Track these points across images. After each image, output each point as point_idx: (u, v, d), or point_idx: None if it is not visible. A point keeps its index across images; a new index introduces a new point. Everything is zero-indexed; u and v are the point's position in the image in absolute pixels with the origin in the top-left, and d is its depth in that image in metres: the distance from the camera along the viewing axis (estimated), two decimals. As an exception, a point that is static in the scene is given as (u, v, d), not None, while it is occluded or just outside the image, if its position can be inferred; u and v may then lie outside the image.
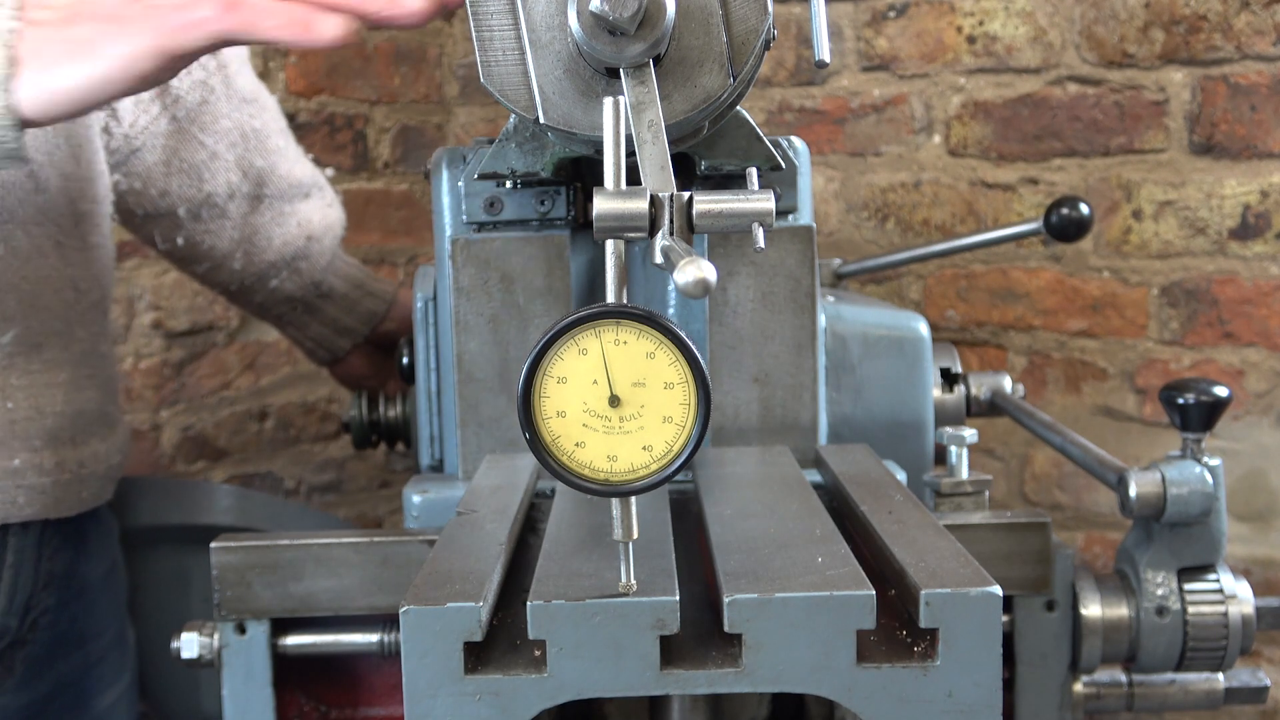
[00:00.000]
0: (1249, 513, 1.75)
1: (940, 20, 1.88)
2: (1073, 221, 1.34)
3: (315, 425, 2.07)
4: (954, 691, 0.66)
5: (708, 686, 0.67)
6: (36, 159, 1.08)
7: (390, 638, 0.93)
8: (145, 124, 1.28)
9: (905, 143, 1.93)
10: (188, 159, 1.33)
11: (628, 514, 0.66)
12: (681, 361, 0.63)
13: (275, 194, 1.40)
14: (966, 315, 1.91)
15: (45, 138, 1.10)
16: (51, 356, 1.12)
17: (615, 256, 0.67)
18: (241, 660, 0.92)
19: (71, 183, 1.13)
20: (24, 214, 1.08)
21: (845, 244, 1.97)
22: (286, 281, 1.44)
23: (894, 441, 1.09)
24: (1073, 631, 0.98)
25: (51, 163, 1.11)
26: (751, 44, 0.77)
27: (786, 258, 0.99)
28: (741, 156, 0.93)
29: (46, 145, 1.10)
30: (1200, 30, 1.71)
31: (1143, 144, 1.77)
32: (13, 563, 1.10)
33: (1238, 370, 1.74)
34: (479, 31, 0.78)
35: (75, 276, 1.14)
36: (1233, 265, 1.73)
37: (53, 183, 1.10)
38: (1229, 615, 0.97)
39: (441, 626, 0.65)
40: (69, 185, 1.13)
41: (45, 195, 1.10)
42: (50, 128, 1.09)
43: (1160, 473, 0.97)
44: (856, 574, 0.68)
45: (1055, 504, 1.91)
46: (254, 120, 1.38)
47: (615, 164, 0.66)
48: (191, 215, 1.35)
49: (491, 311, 0.99)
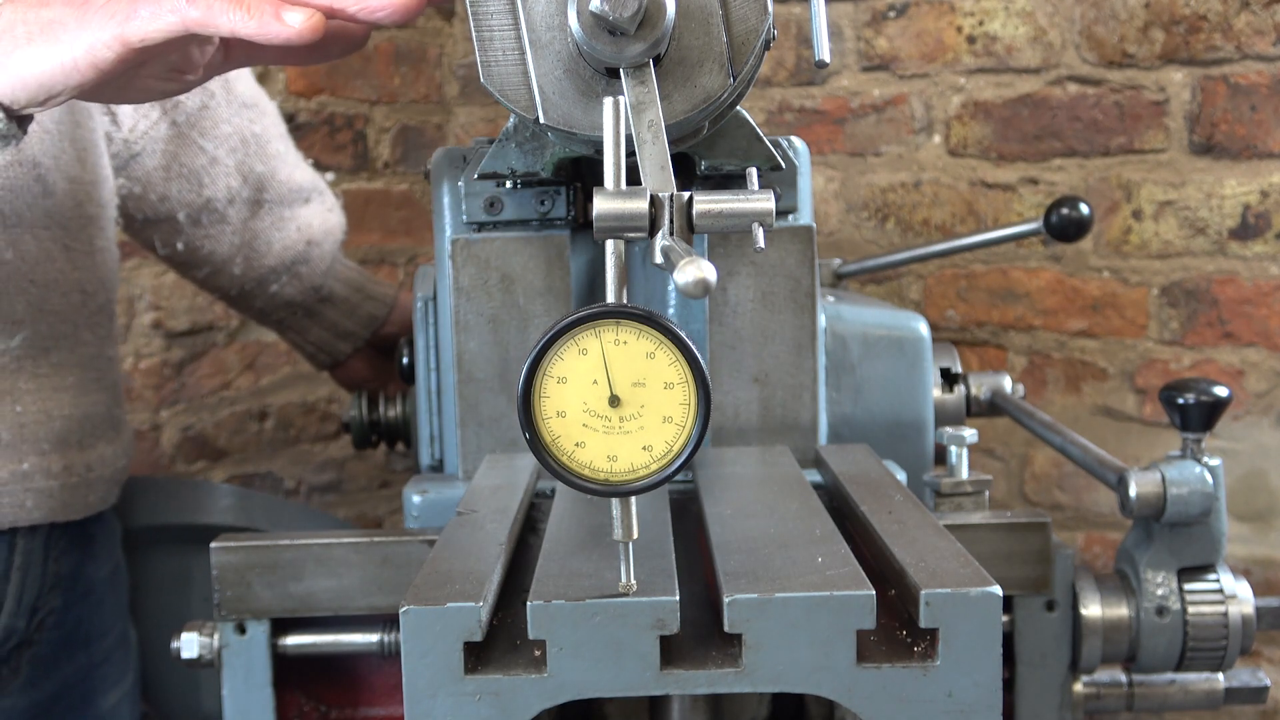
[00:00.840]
0: (1249, 513, 1.75)
1: (940, 20, 1.88)
2: (1073, 221, 1.34)
3: (315, 425, 2.07)
4: (954, 691, 0.66)
5: (708, 686, 0.67)
6: (44, 162, 1.08)
7: (390, 638, 0.93)
8: (145, 129, 1.28)
9: (905, 143, 1.93)
10: (188, 164, 1.33)
11: (628, 514, 0.66)
12: (681, 361, 0.63)
13: (275, 199, 1.40)
14: (966, 315, 1.91)
15: (51, 141, 1.09)
16: (59, 360, 1.12)
17: (615, 256, 0.67)
18: (241, 660, 0.91)
19: (78, 186, 1.13)
20: (32, 217, 1.08)
21: (845, 244, 1.97)
22: (286, 286, 1.44)
23: (894, 441, 1.09)
24: (1073, 631, 0.98)
25: (58, 166, 1.10)
26: (751, 44, 0.77)
27: (786, 258, 0.99)
28: (741, 156, 0.93)
29: (53, 149, 1.10)
30: (1200, 30, 1.71)
31: (1143, 144, 1.77)
32: (20, 565, 1.10)
33: (1238, 370, 1.74)
34: (479, 31, 0.78)
35: (82, 280, 1.14)
36: (1233, 265, 1.73)
37: (60, 186, 1.10)
38: (1229, 615, 0.97)
39: (441, 626, 0.65)
40: (75, 189, 1.13)
41: (52, 199, 1.10)
42: (56, 130, 1.09)
43: (1160, 473, 0.97)
44: (856, 574, 0.68)
45: (1055, 504, 1.91)
46: (254, 125, 1.37)
47: (615, 164, 0.66)
48: (191, 220, 1.35)
49: (491, 311, 0.99)
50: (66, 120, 1.11)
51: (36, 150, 1.07)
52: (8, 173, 1.05)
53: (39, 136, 1.07)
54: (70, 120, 1.12)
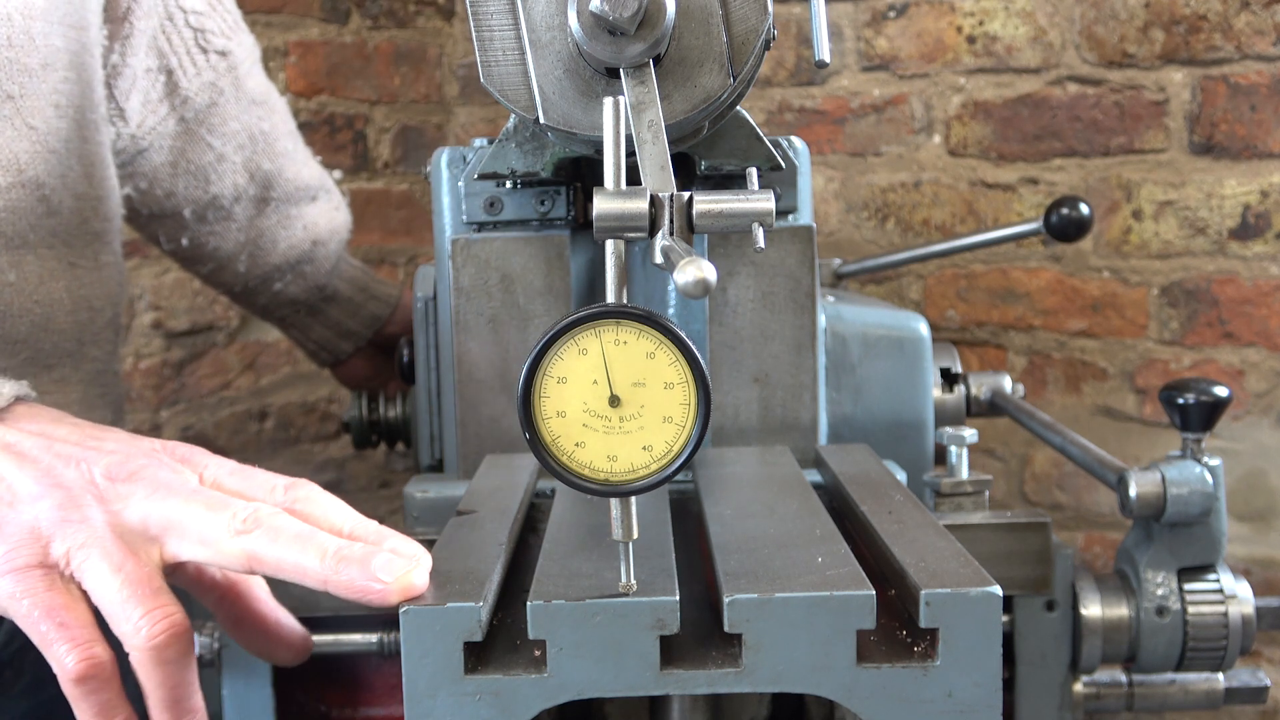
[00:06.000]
0: (1249, 513, 1.75)
1: (940, 20, 1.88)
2: (1073, 221, 1.34)
3: (315, 425, 2.07)
4: (954, 691, 0.66)
5: (708, 686, 0.67)
6: (49, 182, 1.06)
7: (390, 638, 0.93)
8: (153, 124, 1.28)
9: (905, 143, 1.92)
10: (195, 161, 1.32)
11: (628, 514, 0.66)
12: (681, 361, 0.63)
13: (282, 197, 1.40)
14: (966, 315, 1.91)
15: (58, 160, 1.07)
16: (63, 375, 1.10)
17: (615, 256, 0.67)
18: (242, 660, 0.91)
19: (84, 203, 1.11)
20: (35, 238, 1.05)
21: (845, 244, 1.97)
22: (291, 285, 1.44)
23: (894, 441, 1.09)
24: (1073, 631, 0.98)
25: (64, 185, 1.08)
26: (751, 44, 0.77)
27: (786, 258, 0.99)
28: (741, 156, 0.93)
29: (59, 168, 1.07)
30: (1200, 30, 1.71)
31: (1143, 144, 1.77)
32: None
33: (1238, 370, 1.74)
34: (479, 31, 0.78)
35: (89, 296, 1.12)
36: (1233, 265, 1.73)
37: (66, 204, 1.08)
38: (1229, 615, 0.97)
39: (441, 626, 0.65)
40: (82, 205, 1.10)
41: (57, 218, 1.07)
42: (63, 148, 1.07)
43: (1160, 473, 0.97)
44: (856, 574, 0.68)
45: (1055, 504, 1.91)
46: (263, 123, 1.37)
47: (615, 164, 0.66)
48: (197, 217, 1.35)
49: (491, 311, 0.99)
50: (74, 137, 1.09)
51: (41, 171, 1.05)
52: (10, 194, 1.02)
53: (44, 157, 1.05)
54: (78, 136, 1.10)
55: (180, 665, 0.73)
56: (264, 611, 0.81)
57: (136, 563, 0.72)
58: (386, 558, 0.69)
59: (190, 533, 0.73)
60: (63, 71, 1.06)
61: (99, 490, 0.74)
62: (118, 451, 0.76)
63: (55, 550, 0.72)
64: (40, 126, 1.04)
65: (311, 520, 0.73)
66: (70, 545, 0.72)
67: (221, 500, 0.74)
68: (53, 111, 1.05)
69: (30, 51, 1.01)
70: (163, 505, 0.73)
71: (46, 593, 0.72)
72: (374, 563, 0.69)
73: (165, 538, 0.73)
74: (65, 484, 0.74)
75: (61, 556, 0.72)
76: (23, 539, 0.72)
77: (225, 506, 0.73)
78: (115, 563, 0.72)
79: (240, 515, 0.72)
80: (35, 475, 0.74)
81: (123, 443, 0.78)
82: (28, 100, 1.02)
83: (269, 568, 0.71)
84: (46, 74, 1.03)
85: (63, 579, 0.73)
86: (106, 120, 1.19)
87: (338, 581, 0.69)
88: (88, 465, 0.75)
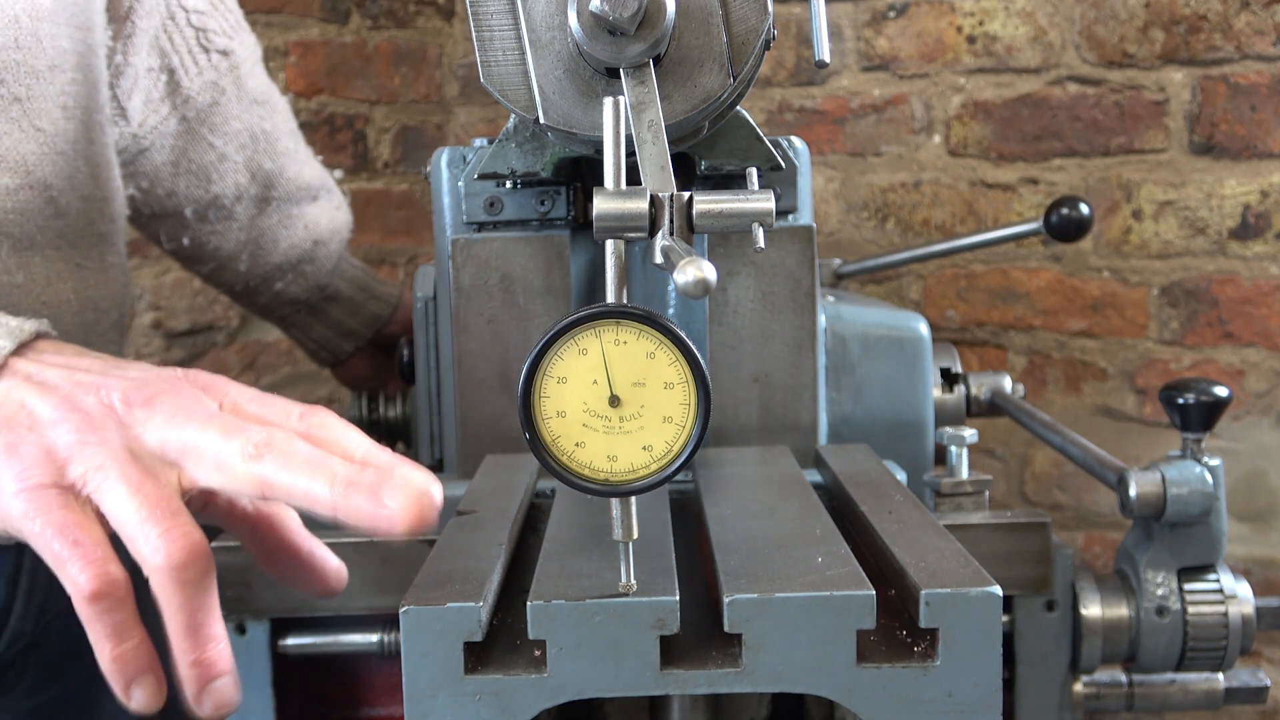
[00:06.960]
0: (1249, 513, 1.75)
1: (940, 20, 1.88)
2: (1073, 221, 1.34)
3: (315, 425, 2.07)
4: (954, 691, 0.66)
5: (708, 686, 0.67)
6: (56, 184, 1.05)
7: (390, 638, 0.93)
8: (154, 124, 1.28)
9: (905, 143, 1.92)
10: (196, 160, 1.32)
11: (628, 514, 0.66)
12: (681, 361, 0.63)
13: (283, 197, 1.40)
14: (966, 315, 1.91)
15: (65, 162, 1.06)
16: None
17: (615, 256, 0.67)
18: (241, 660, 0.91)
19: (91, 204, 1.11)
20: (43, 239, 1.05)
21: (845, 244, 1.97)
22: (292, 284, 1.44)
23: (894, 441, 1.09)
24: (1073, 631, 0.98)
25: (71, 186, 1.08)
26: (751, 44, 0.77)
27: (786, 258, 0.99)
28: (741, 156, 0.93)
29: (66, 169, 1.07)
30: (1200, 30, 1.71)
31: (1143, 144, 1.77)
32: (29, 568, 1.09)
33: (1238, 370, 1.74)
34: (479, 31, 0.78)
35: (95, 297, 1.12)
36: (1233, 265, 1.73)
37: (73, 206, 1.08)
38: (1229, 615, 0.97)
39: (441, 626, 0.65)
40: (89, 207, 1.10)
41: (64, 219, 1.07)
42: (70, 150, 1.07)
43: (1160, 473, 0.97)
44: (856, 574, 0.68)
45: (1055, 504, 1.91)
46: (264, 122, 1.37)
47: (615, 164, 0.66)
48: (198, 216, 1.35)
49: (491, 311, 0.99)
50: (81, 138, 1.09)
51: (49, 172, 1.04)
52: (18, 196, 1.02)
53: (52, 159, 1.05)
54: (85, 138, 1.09)
55: (200, 588, 0.71)
56: (297, 543, 0.79)
57: (155, 484, 0.70)
58: (397, 485, 0.68)
59: (206, 458, 0.71)
60: (70, 73, 1.06)
61: (118, 415, 0.73)
62: (138, 379, 0.75)
63: (72, 472, 0.71)
64: (48, 128, 1.04)
65: (325, 446, 0.72)
66: (88, 467, 0.71)
67: (238, 425, 0.72)
68: (60, 113, 1.05)
69: (38, 53, 1.01)
70: (181, 430, 0.72)
71: (60, 510, 0.70)
72: (384, 490, 0.68)
73: (183, 462, 0.72)
74: (84, 409, 0.73)
75: (79, 478, 0.71)
76: (38, 459, 0.71)
77: (241, 431, 0.71)
78: (133, 484, 0.70)
79: (253, 440, 0.71)
80: (55, 401, 0.73)
81: (144, 370, 0.77)
82: (35, 102, 1.02)
83: (280, 493, 0.70)
84: (54, 76, 1.03)
85: (78, 500, 0.71)
86: (111, 121, 1.19)
87: (346, 508, 0.68)
88: (107, 391, 0.74)
